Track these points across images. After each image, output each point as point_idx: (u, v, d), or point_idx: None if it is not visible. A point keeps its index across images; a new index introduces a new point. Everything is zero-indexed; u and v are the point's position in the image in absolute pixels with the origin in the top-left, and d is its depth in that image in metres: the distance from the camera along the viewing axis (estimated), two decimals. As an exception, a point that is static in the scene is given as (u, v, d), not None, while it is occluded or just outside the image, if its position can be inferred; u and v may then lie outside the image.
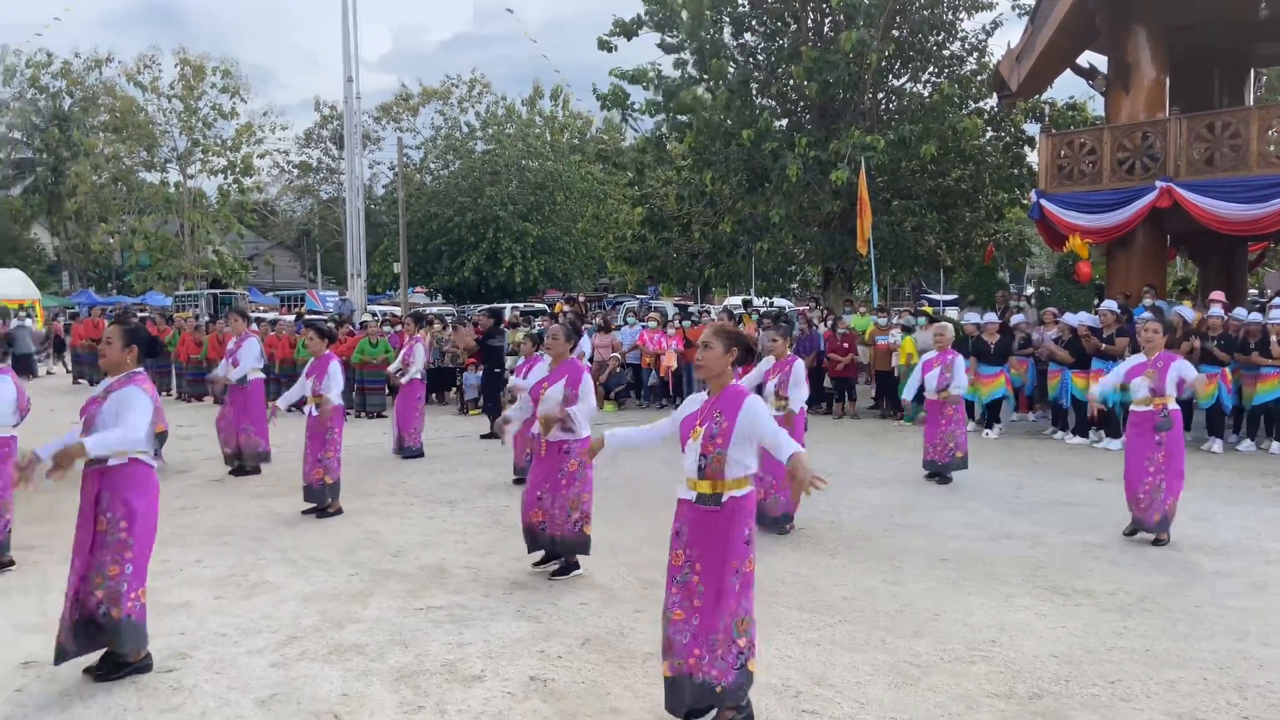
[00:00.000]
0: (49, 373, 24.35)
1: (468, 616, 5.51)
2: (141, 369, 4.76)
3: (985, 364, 12.66)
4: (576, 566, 6.34)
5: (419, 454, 11.21)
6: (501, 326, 15.03)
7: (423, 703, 4.34)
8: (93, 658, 4.59)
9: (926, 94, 20.86)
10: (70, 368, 22.82)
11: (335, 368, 8.29)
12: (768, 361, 7.73)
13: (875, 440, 12.58)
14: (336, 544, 7.19)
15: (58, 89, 45.14)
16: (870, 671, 4.71)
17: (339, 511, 8.18)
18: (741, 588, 3.89)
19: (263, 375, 10.38)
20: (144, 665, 4.63)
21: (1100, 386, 7.70)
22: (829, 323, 15.69)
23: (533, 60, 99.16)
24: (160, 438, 4.67)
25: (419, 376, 11.52)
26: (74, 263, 46.71)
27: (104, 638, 4.47)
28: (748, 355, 4.14)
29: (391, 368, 12.22)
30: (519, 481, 9.43)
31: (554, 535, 6.22)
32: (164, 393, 18.45)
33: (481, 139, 43.02)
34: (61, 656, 4.45)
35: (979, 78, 20.91)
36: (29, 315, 26.17)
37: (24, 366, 21.50)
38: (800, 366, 7.60)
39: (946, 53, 20.82)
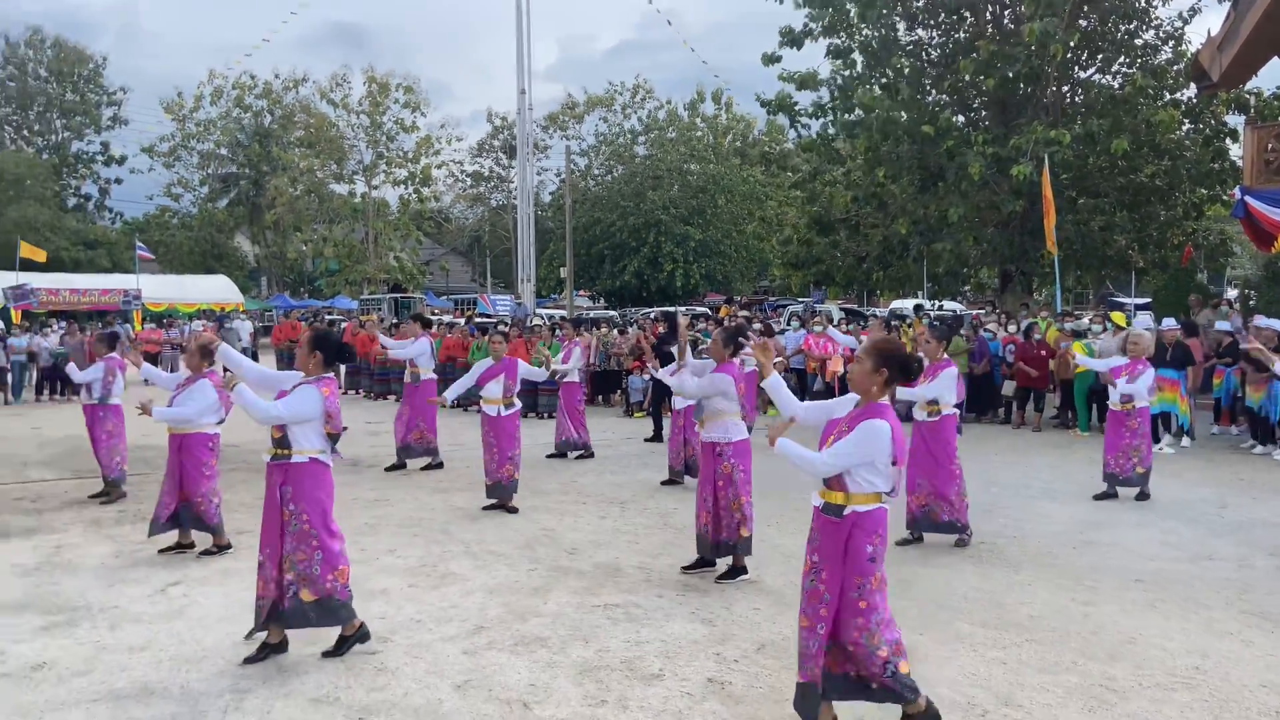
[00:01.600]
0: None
1: (643, 616, 5.63)
2: (330, 374, 5.16)
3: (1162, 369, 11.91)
4: (743, 571, 6.37)
5: (580, 446, 11.56)
6: (676, 331, 15.18)
7: (605, 697, 4.48)
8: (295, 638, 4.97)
9: (1116, 86, 19.68)
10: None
11: (524, 369, 8.66)
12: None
13: (1060, 452, 11.98)
14: (515, 539, 7.49)
15: (260, 108, 48.84)
16: (1062, 694, 4.51)
17: (515, 509, 8.49)
18: (868, 607, 3.83)
19: (435, 375, 11.10)
20: (363, 635, 5.02)
21: None
22: (1010, 327, 15.00)
23: (696, 64, 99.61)
24: (333, 438, 5.01)
25: (577, 378, 11.95)
26: (271, 269, 50.42)
27: (299, 618, 4.85)
28: (903, 375, 4.00)
29: (552, 367, 12.63)
30: (667, 483, 9.60)
31: (716, 540, 6.32)
32: (355, 391, 19.67)
33: (644, 143, 43.65)
34: (255, 630, 4.98)
35: (1175, 68, 19.57)
36: (240, 317, 28.36)
37: (231, 365, 23.40)
38: (951, 371, 7.35)
39: (1139, 42, 19.60)
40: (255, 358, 25.67)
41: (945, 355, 7.56)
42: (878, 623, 3.85)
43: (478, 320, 23.76)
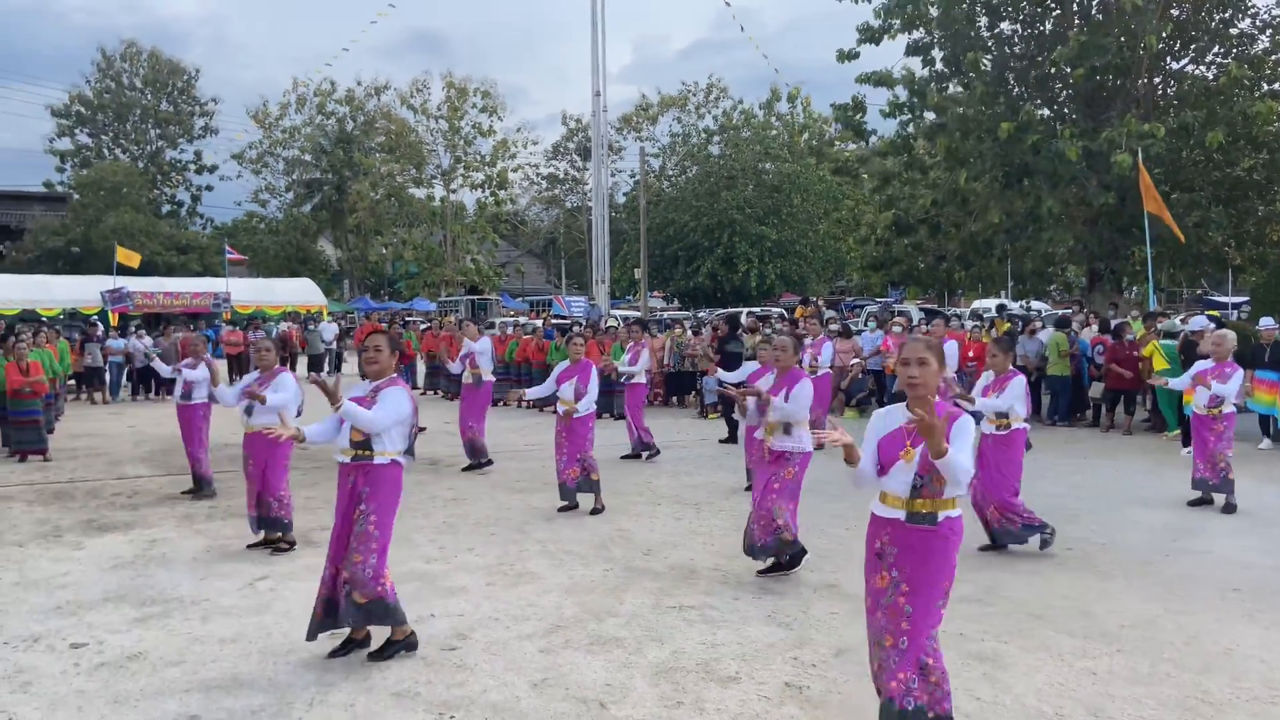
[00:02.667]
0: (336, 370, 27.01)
1: (719, 618, 5.60)
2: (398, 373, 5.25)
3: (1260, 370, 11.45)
4: (790, 566, 6.37)
5: (644, 446, 11.62)
6: (739, 332, 15.12)
7: (681, 699, 4.46)
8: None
9: (1211, 77, 18.93)
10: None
11: (596, 374, 8.68)
12: (987, 376, 7.30)
13: (1151, 456, 11.56)
14: (591, 540, 7.52)
15: (342, 115, 50.11)
16: (1155, 706, 4.35)
17: (600, 509, 8.53)
18: (943, 607, 3.80)
19: (494, 378, 11.27)
20: (410, 643, 4.99)
21: None
22: (1098, 327, 14.51)
23: (769, 65, 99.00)
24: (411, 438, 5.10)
25: (643, 380, 12.04)
26: (353, 272, 51.64)
27: (352, 618, 4.88)
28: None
29: (620, 367, 12.66)
30: (750, 489, 9.51)
31: (756, 542, 6.29)
32: (434, 391, 20.07)
33: (719, 143, 43.51)
34: (313, 633, 4.94)
35: (1273, 57, 18.72)
36: (321, 321, 29.12)
37: (315, 364, 24.07)
38: (1019, 382, 7.10)
39: (1235, 31, 18.81)
40: (340, 359, 26.39)
41: (1012, 367, 7.34)
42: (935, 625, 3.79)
43: (554, 322, 23.98)
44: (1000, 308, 22.50)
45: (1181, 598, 5.94)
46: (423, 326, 23.74)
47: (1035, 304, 27.95)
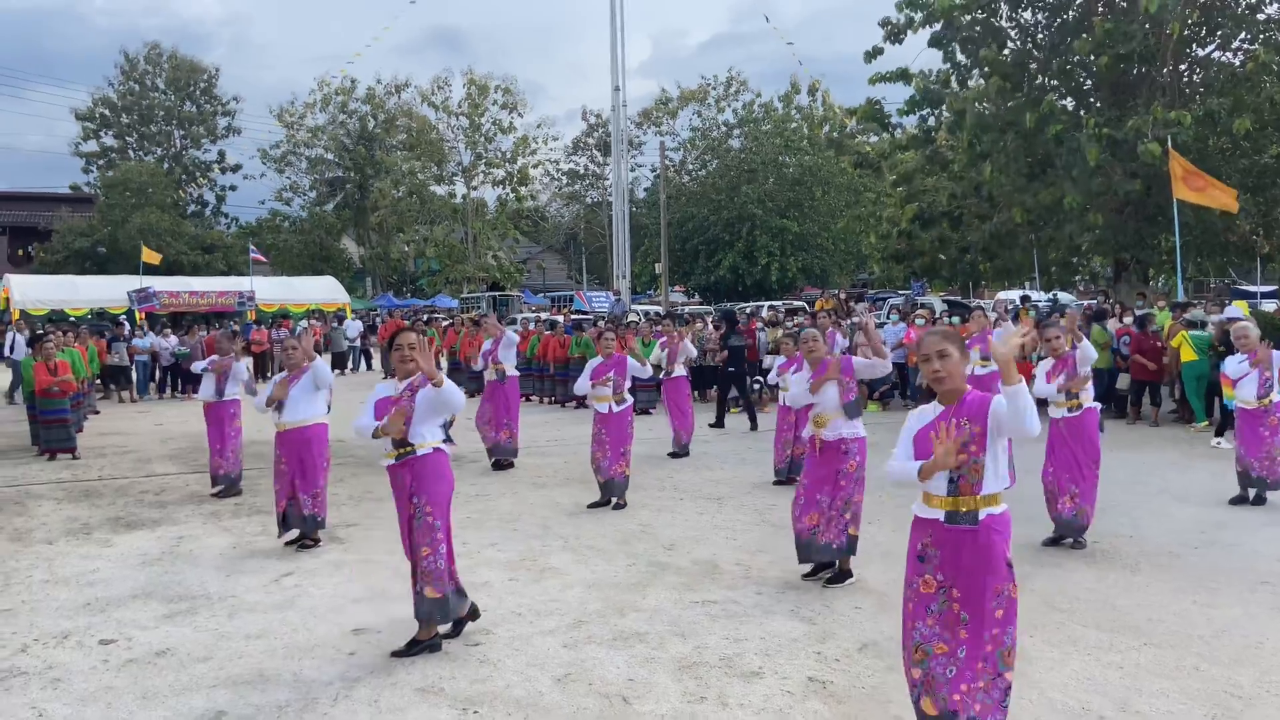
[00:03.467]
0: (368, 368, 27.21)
1: (742, 613, 5.59)
2: None
3: None
4: (850, 575, 6.18)
5: (685, 450, 11.52)
6: (738, 327, 15.02)
7: (705, 694, 4.46)
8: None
9: (1238, 63, 18.64)
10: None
11: (632, 367, 8.69)
12: (1048, 362, 7.22)
13: (1179, 448, 11.44)
14: (613, 535, 7.53)
15: (364, 113, 50.33)
16: (1183, 700, 4.30)
17: (623, 505, 8.54)
18: (1005, 615, 3.56)
19: (518, 373, 11.20)
20: (434, 645, 5.00)
21: None
22: (1126, 318, 14.34)
23: (791, 56, 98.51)
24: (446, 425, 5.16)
25: (683, 373, 11.92)
26: (376, 270, 51.86)
27: (423, 613, 4.95)
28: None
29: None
30: (780, 483, 9.42)
31: (825, 541, 6.08)
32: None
33: (739, 136, 43.36)
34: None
35: (1300, 43, 18.40)
36: (344, 319, 29.24)
37: (339, 362, 24.24)
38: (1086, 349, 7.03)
39: (1262, 16, 18.51)
40: (368, 356, 26.55)
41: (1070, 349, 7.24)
42: (1012, 638, 3.58)
43: (575, 317, 24.01)
44: (1024, 299, 22.27)
45: (1210, 591, 5.87)
46: (444, 324, 23.85)
47: (1061, 295, 27.68)
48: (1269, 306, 20.21)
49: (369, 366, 26.47)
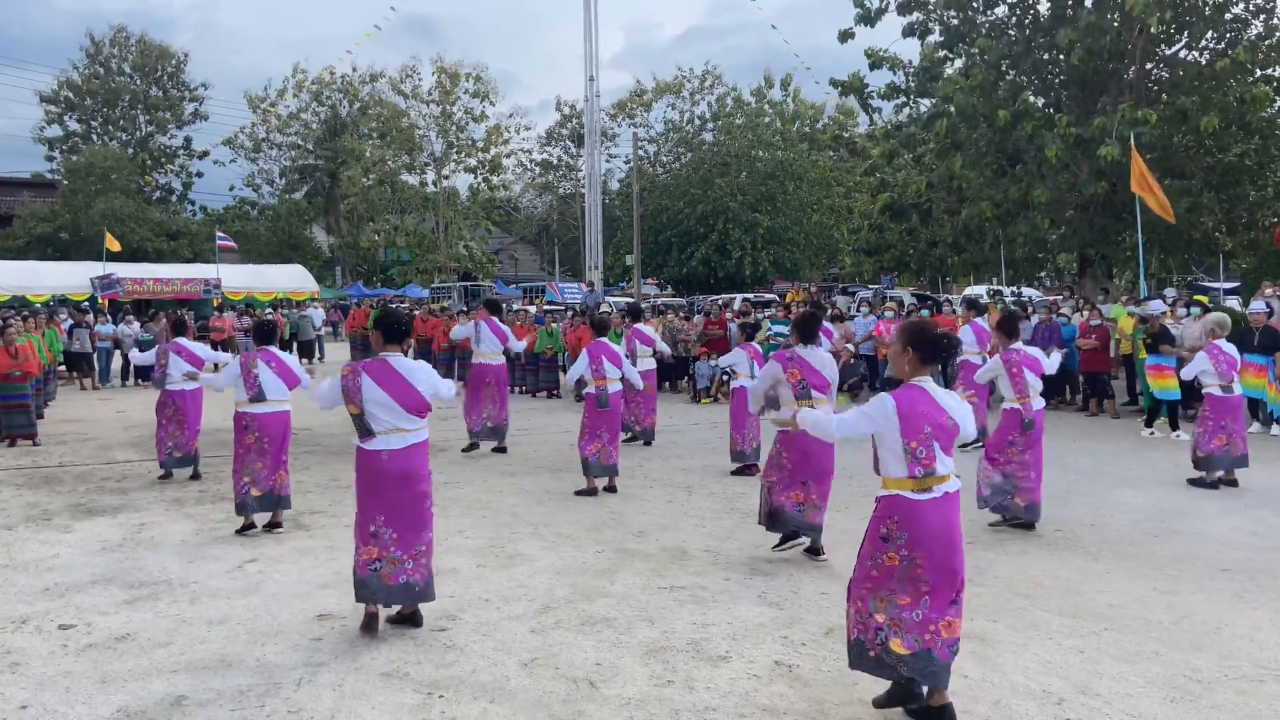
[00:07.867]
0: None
1: (710, 598, 5.60)
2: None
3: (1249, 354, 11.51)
4: (823, 553, 6.41)
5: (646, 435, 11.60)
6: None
7: (672, 677, 4.46)
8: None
9: (1204, 62, 18.88)
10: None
11: (614, 352, 8.72)
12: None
13: (1139, 439, 11.60)
14: (583, 522, 7.52)
15: (336, 101, 49.76)
16: (1142, 684, 4.36)
17: (613, 489, 8.68)
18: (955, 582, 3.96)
19: (504, 360, 11.21)
20: (415, 620, 5.11)
21: None
22: (1087, 314, 14.54)
23: (766, 49, 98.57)
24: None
25: (651, 364, 12.03)
26: (346, 259, 51.32)
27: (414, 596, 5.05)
28: (931, 353, 4.03)
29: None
30: (738, 472, 9.51)
31: (812, 521, 6.31)
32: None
33: (712, 130, 43.37)
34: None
35: (1265, 42, 18.66)
36: (313, 305, 28.95)
37: (307, 350, 24.00)
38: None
39: (1228, 16, 18.74)
40: (321, 345, 26.22)
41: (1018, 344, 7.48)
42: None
43: (545, 308, 23.94)
44: (994, 293, 22.48)
45: (1171, 578, 5.96)
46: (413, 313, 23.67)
47: (1026, 290, 27.95)
48: (1232, 303, 20.53)
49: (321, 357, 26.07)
